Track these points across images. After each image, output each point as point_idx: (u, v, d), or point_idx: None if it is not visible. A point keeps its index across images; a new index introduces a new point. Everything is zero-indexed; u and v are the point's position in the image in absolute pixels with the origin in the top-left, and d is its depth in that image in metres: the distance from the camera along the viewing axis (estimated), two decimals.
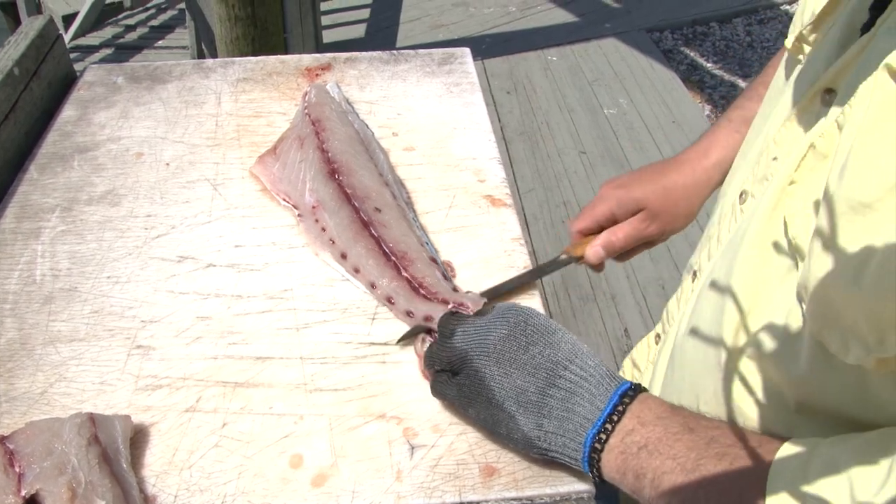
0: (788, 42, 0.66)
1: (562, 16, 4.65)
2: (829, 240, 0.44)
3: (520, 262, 0.84)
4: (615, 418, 0.58)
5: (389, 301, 0.77)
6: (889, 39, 0.49)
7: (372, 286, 0.79)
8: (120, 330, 0.77)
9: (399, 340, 0.75)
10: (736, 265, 0.61)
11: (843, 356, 0.45)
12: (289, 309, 0.79)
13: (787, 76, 0.68)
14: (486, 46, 4.21)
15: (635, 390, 0.60)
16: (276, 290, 0.81)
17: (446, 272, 0.80)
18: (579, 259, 0.87)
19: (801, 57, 0.65)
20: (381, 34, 4.36)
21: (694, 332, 0.68)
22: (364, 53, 1.21)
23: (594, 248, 0.86)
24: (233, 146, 1.01)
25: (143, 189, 0.95)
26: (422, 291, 0.76)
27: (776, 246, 0.56)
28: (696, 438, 0.55)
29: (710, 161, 0.87)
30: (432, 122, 1.06)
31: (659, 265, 2.66)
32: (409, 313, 0.75)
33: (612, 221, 0.88)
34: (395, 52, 1.21)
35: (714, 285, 0.65)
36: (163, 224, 0.89)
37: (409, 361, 0.74)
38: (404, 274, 0.78)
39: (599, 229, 0.89)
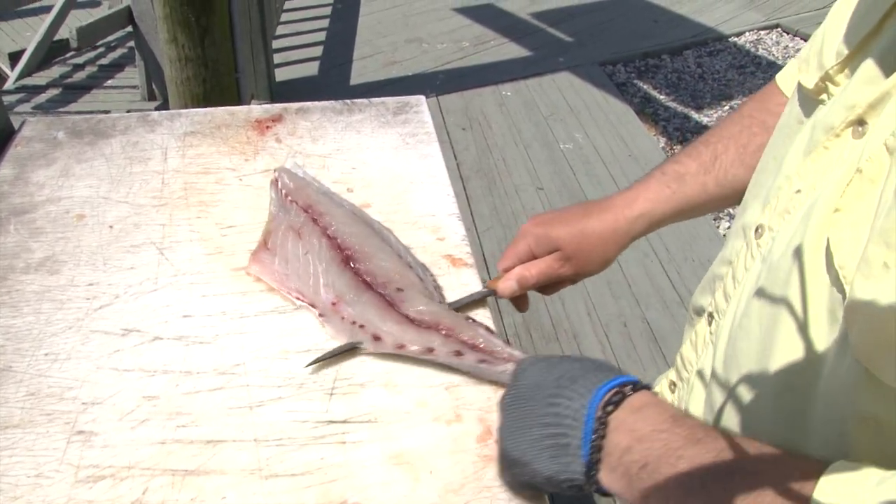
0: (810, 83, 0.66)
1: (515, 50, 4.68)
2: (891, 258, 0.42)
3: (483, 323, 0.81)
4: (601, 432, 0.56)
5: (458, 355, 0.74)
6: None
7: (429, 352, 0.75)
8: (59, 414, 0.71)
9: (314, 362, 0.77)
10: (771, 304, 0.58)
11: (893, 382, 0.43)
12: (241, 385, 0.74)
13: (806, 115, 0.68)
14: (440, 83, 4.20)
15: (620, 394, 0.57)
16: (228, 364, 0.76)
17: (490, 327, 0.77)
18: (495, 292, 0.87)
19: (823, 97, 0.64)
20: (334, 71, 4.34)
21: (729, 376, 0.65)
22: (316, 104, 1.18)
23: (507, 282, 0.86)
24: (180, 205, 0.97)
25: (84, 255, 0.89)
26: (479, 349, 0.74)
27: (818, 278, 0.53)
28: (702, 452, 0.50)
29: (634, 212, 0.86)
30: (388, 175, 1.03)
31: (620, 302, 2.65)
32: (482, 361, 0.73)
33: (532, 257, 0.87)
34: (348, 101, 1.18)
35: (745, 327, 0.62)
36: (106, 293, 0.84)
37: (371, 441, 0.69)
38: (454, 338, 0.75)
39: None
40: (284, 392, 0.74)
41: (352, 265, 0.83)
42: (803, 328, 0.54)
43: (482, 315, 0.83)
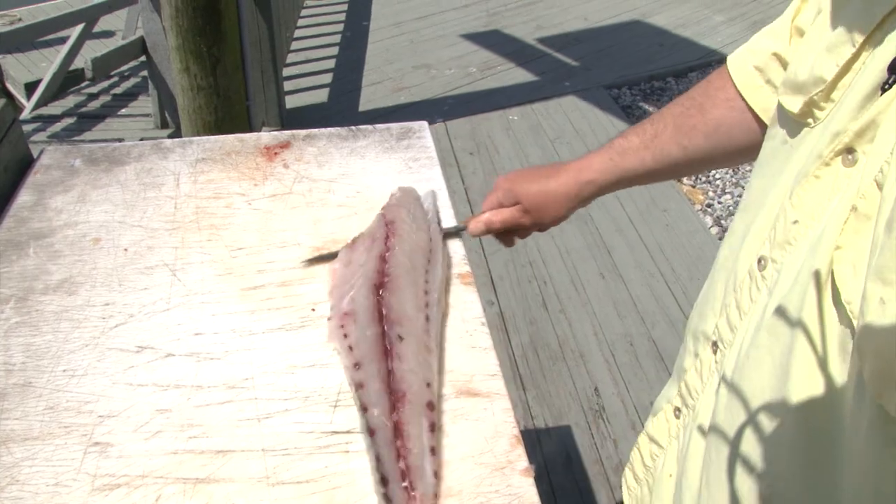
0: (794, 107, 0.67)
1: (522, 75, 4.74)
2: (887, 294, 0.44)
3: (482, 343, 0.84)
4: None
5: (370, 433, 0.73)
6: None
7: (364, 409, 0.76)
8: (76, 426, 0.75)
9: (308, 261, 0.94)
10: (783, 339, 0.60)
11: None
12: (250, 399, 0.78)
13: (790, 135, 0.69)
14: (447, 108, 4.26)
15: None
16: (237, 379, 0.80)
17: (436, 422, 0.76)
18: (466, 229, 1.04)
19: (810, 121, 0.66)
20: (343, 98, 4.40)
21: (738, 411, 0.66)
22: (323, 130, 1.22)
23: (477, 223, 1.03)
24: (192, 229, 1.01)
25: (100, 276, 0.94)
26: (399, 440, 0.72)
27: (827, 314, 0.54)
28: None
29: (583, 178, 0.99)
30: None
31: (626, 321, 2.67)
32: (377, 457, 0.71)
33: (501, 206, 1.04)
34: (353, 128, 1.22)
35: (755, 358, 0.64)
36: (121, 313, 0.88)
37: None
38: (395, 414, 0.75)
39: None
40: (291, 405, 0.77)
41: (379, 292, 0.85)
42: (818, 363, 0.55)
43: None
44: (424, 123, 1.25)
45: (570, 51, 5.09)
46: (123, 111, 4.35)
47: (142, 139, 3.62)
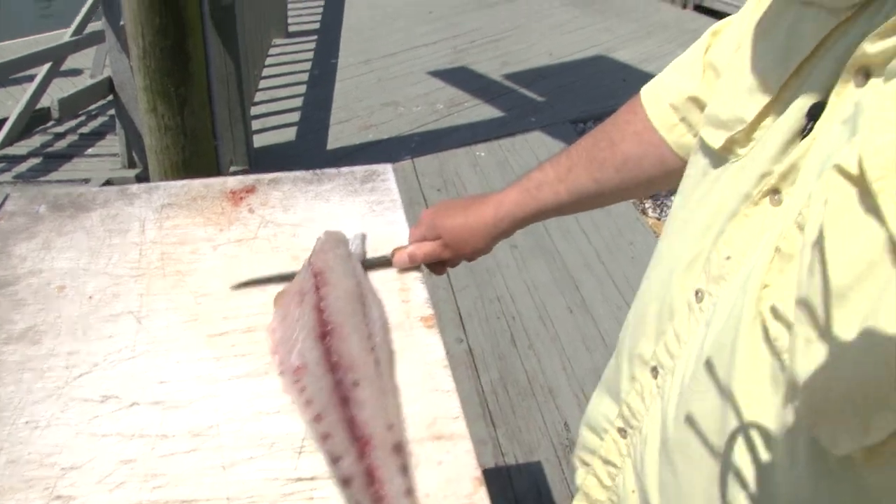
0: (717, 143, 0.69)
1: (488, 111, 4.79)
2: (812, 333, 0.47)
3: (444, 386, 0.86)
4: None
5: (345, 483, 0.74)
6: (829, 142, 0.54)
7: (335, 461, 0.76)
8: (38, 480, 0.75)
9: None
10: (721, 372, 0.62)
11: (834, 448, 0.48)
12: (215, 447, 0.78)
13: (713, 168, 0.71)
14: (415, 145, 4.29)
15: None
16: (202, 427, 0.80)
17: (407, 463, 0.77)
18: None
19: (730, 157, 0.68)
20: (311, 136, 4.42)
21: (685, 438, 0.68)
22: (288, 174, 1.23)
23: (400, 254, 1.05)
24: (157, 276, 1.01)
25: (64, 325, 0.94)
26: (373, 486, 0.73)
27: (758, 350, 0.57)
28: None
29: (500, 213, 1.01)
30: None
31: (594, 355, 2.69)
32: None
33: (424, 239, 1.06)
34: (318, 171, 1.24)
35: (695, 392, 0.66)
36: (85, 362, 0.88)
37: (337, 496, 0.73)
38: (364, 460, 0.76)
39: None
40: (256, 452, 0.78)
41: (326, 340, 0.86)
42: (754, 398, 0.58)
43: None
44: (388, 166, 1.27)
45: (535, 86, 5.16)
46: (90, 151, 4.31)
47: (109, 179, 3.60)
